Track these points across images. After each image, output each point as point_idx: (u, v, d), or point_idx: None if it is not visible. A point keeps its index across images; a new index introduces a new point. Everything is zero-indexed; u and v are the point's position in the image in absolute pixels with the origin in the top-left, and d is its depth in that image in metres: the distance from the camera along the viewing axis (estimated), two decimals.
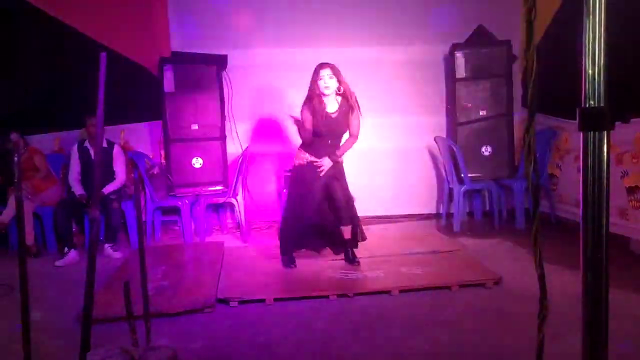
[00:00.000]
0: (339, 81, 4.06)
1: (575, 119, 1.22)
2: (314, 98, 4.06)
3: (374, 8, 5.91)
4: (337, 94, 4.13)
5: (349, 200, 4.18)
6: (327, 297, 3.65)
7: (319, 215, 4.19)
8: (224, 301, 3.60)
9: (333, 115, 4.13)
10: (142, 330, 2.52)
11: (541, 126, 5.43)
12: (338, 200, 4.08)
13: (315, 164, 4.15)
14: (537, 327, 1.33)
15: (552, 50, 4.70)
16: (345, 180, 4.27)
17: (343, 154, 4.23)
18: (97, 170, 1.64)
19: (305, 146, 4.22)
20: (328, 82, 4.04)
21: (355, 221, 4.20)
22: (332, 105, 4.15)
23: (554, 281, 2.06)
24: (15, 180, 1.85)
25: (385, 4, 5.93)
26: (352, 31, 5.86)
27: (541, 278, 1.31)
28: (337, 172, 4.20)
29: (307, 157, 4.18)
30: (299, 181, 4.23)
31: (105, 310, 3.23)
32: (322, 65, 4.08)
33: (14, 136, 5.23)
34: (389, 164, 6.00)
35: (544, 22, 5.19)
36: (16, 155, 1.76)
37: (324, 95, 4.08)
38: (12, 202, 4.95)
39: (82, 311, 3.35)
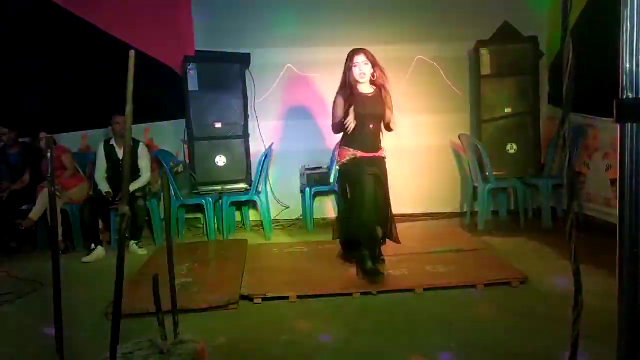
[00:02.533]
0: (374, 67, 3.85)
1: (604, 116, 1.19)
2: (348, 86, 3.84)
3: (397, 6, 5.87)
4: (370, 82, 3.92)
5: (388, 202, 4.03)
6: (350, 294, 3.64)
7: (377, 213, 3.92)
8: (248, 298, 3.61)
9: (370, 95, 3.91)
10: (167, 325, 2.54)
11: (569, 124, 5.33)
12: (379, 200, 3.92)
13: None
14: (572, 323, 1.29)
15: (582, 45, 4.61)
16: (387, 180, 4.03)
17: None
18: (125, 166, 1.66)
19: (348, 141, 3.93)
20: (363, 69, 3.81)
21: (389, 222, 4.08)
22: (366, 89, 3.94)
23: (585, 281, 2.02)
24: (49, 176, 1.88)
25: (409, 1, 5.88)
26: (375, 29, 5.82)
27: (576, 273, 1.28)
28: (383, 170, 3.99)
29: (356, 154, 3.88)
30: (352, 180, 3.91)
31: (131, 306, 3.26)
32: (356, 51, 3.86)
33: (42, 135, 5.33)
34: (413, 162, 5.95)
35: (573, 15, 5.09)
36: (49, 152, 1.78)
37: (359, 83, 3.86)
38: (40, 199, 5.04)
39: (109, 306, 3.43)
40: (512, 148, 5.64)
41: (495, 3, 5.85)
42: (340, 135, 4.05)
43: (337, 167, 4.13)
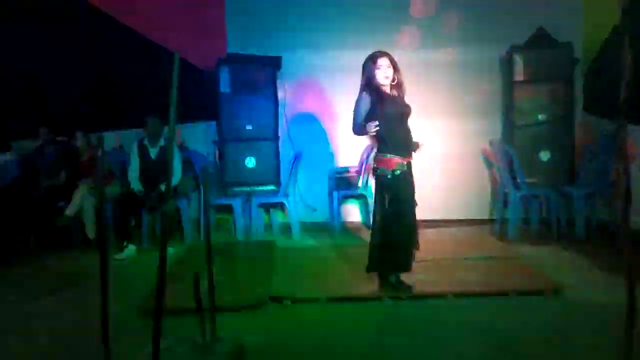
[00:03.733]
0: (395, 71, 3.72)
1: None
2: (374, 88, 3.68)
3: (427, 9, 5.83)
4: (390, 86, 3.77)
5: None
6: (380, 299, 3.62)
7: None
8: (277, 299, 3.63)
9: (395, 96, 3.74)
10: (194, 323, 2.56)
11: (605, 131, 5.23)
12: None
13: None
14: (625, 336, 1.27)
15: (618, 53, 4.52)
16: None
17: None
18: (169, 165, 1.68)
19: (390, 147, 3.63)
20: (387, 72, 3.66)
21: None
22: (389, 92, 3.78)
23: (619, 292, 1.98)
24: (98, 175, 1.92)
25: (441, 5, 5.85)
26: (405, 32, 5.81)
27: (630, 292, 1.24)
28: (411, 173, 3.76)
29: (403, 163, 3.62)
30: (399, 193, 3.64)
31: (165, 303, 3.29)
32: (380, 54, 3.71)
33: (79, 135, 5.46)
34: (443, 167, 5.91)
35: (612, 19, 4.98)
36: (100, 150, 1.82)
37: (383, 85, 3.71)
38: (77, 197, 5.15)
39: (142, 302, 3.48)
40: (544, 155, 5.56)
41: (530, 8, 5.78)
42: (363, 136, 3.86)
43: (385, 175, 3.63)
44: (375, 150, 3.86)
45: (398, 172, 3.59)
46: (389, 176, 3.60)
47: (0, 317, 3.51)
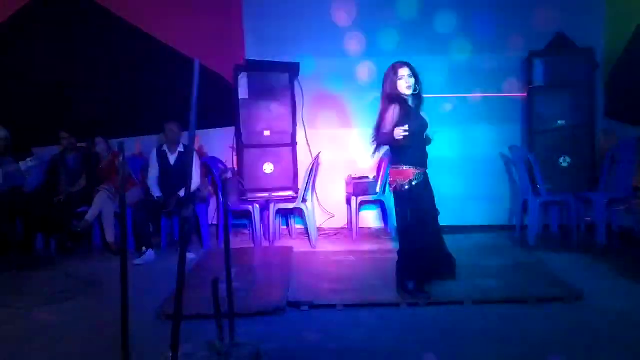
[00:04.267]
0: (417, 81, 3.68)
1: None
2: (401, 100, 3.65)
3: (450, 15, 5.82)
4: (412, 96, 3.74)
5: None
6: (398, 305, 3.61)
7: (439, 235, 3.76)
8: (295, 305, 3.63)
9: (417, 109, 3.73)
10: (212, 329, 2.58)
11: (626, 137, 5.16)
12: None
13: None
14: None
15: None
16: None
17: None
18: (188, 171, 1.70)
19: (405, 158, 3.62)
20: (409, 81, 3.62)
21: None
22: (411, 102, 3.76)
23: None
24: (119, 183, 1.94)
25: (458, 11, 5.83)
26: (424, 39, 5.81)
27: None
28: (428, 182, 3.74)
29: (420, 173, 3.61)
30: (419, 202, 3.63)
31: (184, 308, 3.32)
32: (401, 64, 3.68)
33: (99, 141, 5.54)
34: (462, 173, 5.88)
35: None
36: (121, 156, 1.83)
37: (406, 95, 3.68)
38: (97, 202, 5.22)
39: (160, 307, 3.51)
40: (565, 161, 5.50)
41: (550, 14, 5.72)
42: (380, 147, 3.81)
43: (403, 188, 3.61)
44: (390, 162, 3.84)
45: (415, 182, 3.58)
46: (406, 187, 3.59)
47: (20, 323, 3.55)
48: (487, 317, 3.41)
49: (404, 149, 3.59)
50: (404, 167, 3.61)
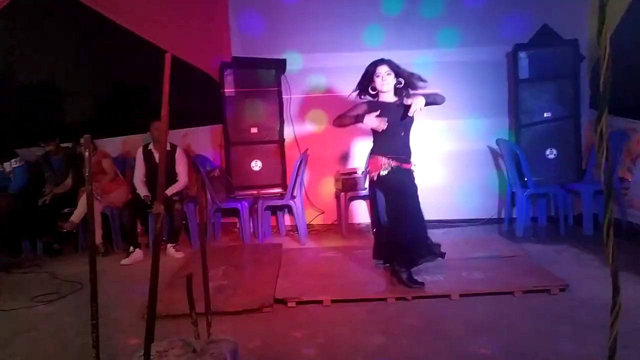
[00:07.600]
0: (397, 75, 3.79)
1: None
2: (371, 95, 3.86)
3: (434, 9, 5.81)
4: (394, 91, 3.85)
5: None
6: (385, 300, 3.61)
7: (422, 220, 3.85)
8: (282, 301, 3.63)
9: (395, 104, 3.82)
10: (202, 327, 2.57)
11: (611, 128, 5.17)
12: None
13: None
14: (610, 324, 1.25)
15: (624, 49, 4.48)
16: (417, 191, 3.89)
17: None
18: (161, 168, 1.69)
19: (379, 148, 3.82)
20: (386, 79, 3.77)
21: None
22: (390, 98, 3.87)
23: (626, 290, 1.94)
24: (86, 176, 1.93)
25: (445, 5, 5.83)
26: (409, 34, 5.80)
27: (614, 275, 1.23)
28: (413, 182, 3.85)
29: (390, 162, 3.74)
30: (391, 186, 3.77)
31: (168, 307, 3.31)
32: (379, 62, 3.82)
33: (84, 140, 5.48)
34: (450, 167, 5.89)
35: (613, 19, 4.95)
36: (87, 151, 1.81)
37: (383, 92, 3.82)
38: (82, 202, 5.18)
39: (146, 307, 3.49)
40: (551, 153, 5.52)
41: (534, 6, 5.73)
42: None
43: (372, 177, 3.83)
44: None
45: (384, 172, 3.75)
46: (374, 179, 3.81)
47: (5, 322, 3.53)
48: (473, 309, 3.42)
49: (378, 140, 3.83)
50: (376, 157, 3.81)
